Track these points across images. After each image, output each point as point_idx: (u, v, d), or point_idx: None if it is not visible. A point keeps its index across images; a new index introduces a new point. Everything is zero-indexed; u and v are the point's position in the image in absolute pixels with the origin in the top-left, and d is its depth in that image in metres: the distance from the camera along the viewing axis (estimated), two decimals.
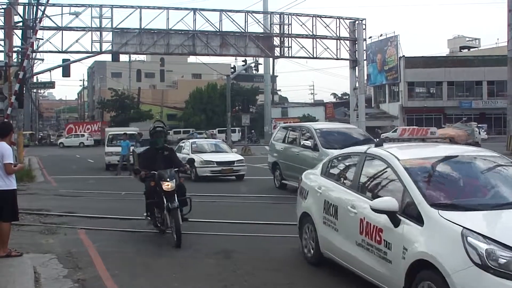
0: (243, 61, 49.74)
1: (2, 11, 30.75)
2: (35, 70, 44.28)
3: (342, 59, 40.84)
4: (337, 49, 39.80)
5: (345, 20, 40.20)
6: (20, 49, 31.52)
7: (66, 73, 38.16)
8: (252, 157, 31.79)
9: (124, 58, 61.35)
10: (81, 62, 41.95)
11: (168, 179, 8.62)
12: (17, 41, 31.99)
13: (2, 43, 30.58)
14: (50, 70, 45.59)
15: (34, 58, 39.04)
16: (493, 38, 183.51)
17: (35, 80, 62.48)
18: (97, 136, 59.84)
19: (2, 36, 31.04)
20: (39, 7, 32.07)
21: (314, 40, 39.09)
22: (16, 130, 18.81)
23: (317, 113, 68.58)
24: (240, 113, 53.43)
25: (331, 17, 39.72)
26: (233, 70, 61.97)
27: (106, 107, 74.33)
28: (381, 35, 64.59)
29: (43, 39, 34.39)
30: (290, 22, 38.45)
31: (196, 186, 16.40)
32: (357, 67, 40.43)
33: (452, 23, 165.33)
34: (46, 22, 33.63)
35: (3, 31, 30.69)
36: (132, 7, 36.49)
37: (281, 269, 7.22)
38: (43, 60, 54.14)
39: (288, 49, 39.13)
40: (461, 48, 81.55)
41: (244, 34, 37.98)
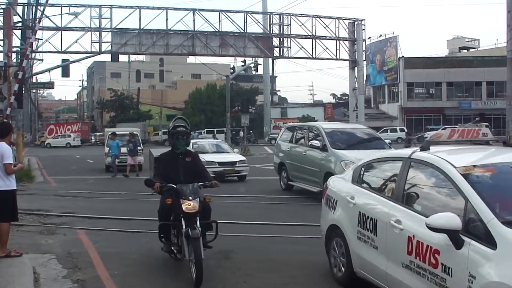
0: (242, 61, 49.83)
1: (2, 11, 30.74)
2: (35, 70, 44.29)
3: (341, 59, 40.94)
4: (336, 50, 39.93)
5: (344, 20, 40.29)
6: (19, 49, 31.55)
7: (66, 73, 38.15)
8: (252, 157, 31.77)
9: (123, 58, 61.46)
10: (81, 62, 42.03)
11: (190, 197, 6.71)
12: (16, 41, 32.07)
13: (1, 43, 30.66)
14: (49, 70, 45.55)
15: (34, 58, 39.01)
16: (492, 38, 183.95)
17: (34, 80, 62.41)
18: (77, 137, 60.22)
19: (1, 36, 31.16)
20: (39, 7, 32.09)
21: (314, 40, 39.18)
22: (16, 131, 18.79)
23: (317, 114, 68.54)
24: (239, 114, 53.42)
25: (330, 17, 39.83)
26: (232, 70, 61.89)
27: (105, 107, 74.40)
28: (380, 35, 64.71)
29: (42, 39, 34.52)
30: (290, 23, 38.58)
31: None
32: (356, 68, 40.52)
33: (452, 23, 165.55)
34: (46, 22, 33.78)
35: (2, 31, 30.70)
36: (132, 7, 36.57)
37: (280, 270, 7.21)
38: (42, 60, 54.24)
39: (288, 50, 39.24)
40: (461, 48, 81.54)
41: (243, 34, 38.04)
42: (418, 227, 4.85)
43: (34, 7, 33.78)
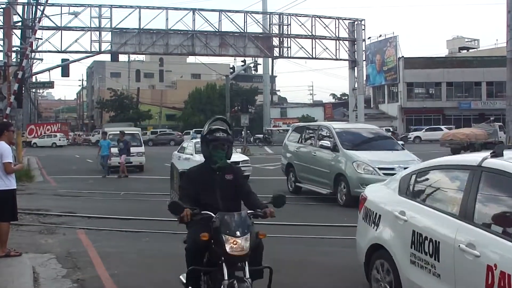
0: (242, 61, 49.92)
1: (1, 10, 30.69)
2: (34, 70, 44.06)
3: (341, 59, 40.84)
4: (336, 50, 39.82)
5: (344, 20, 40.22)
6: (19, 48, 31.45)
7: (65, 73, 38.09)
8: (252, 157, 31.69)
9: (123, 58, 61.32)
10: (80, 62, 41.82)
11: (237, 232, 4.66)
12: (16, 41, 31.95)
13: (1, 42, 30.55)
14: (49, 70, 45.50)
15: (33, 58, 38.90)
16: (492, 39, 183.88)
17: (34, 80, 62.53)
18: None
19: (1, 36, 31.00)
20: (38, 7, 32.02)
21: (313, 40, 39.11)
22: (15, 130, 18.76)
23: (316, 114, 68.57)
24: (239, 113, 53.39)
25: (330, 17, 39.75)
26: (232, 70, 62.06)
27: (105, 107, 74.42)
28: (380, 35, 64.82)
29: (42, 39, 34.40)
30: (289, 23, 38.49)
31: None
32: (356, 68, 40.43)
33: (451, 24, 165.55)
34: (45, 22, 33.67)
35: (2, 30, 30.64)
36: (131, 7, 36.49)
37: (280, 270, 7.19)
38: (42, 60, 54.32)
39: (287, 50, 39.14)
40: (460, 48, 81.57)
41: (243, 34, 37.98)
42: (502, 254, 3.94)
43: (34, 7, 33.72)
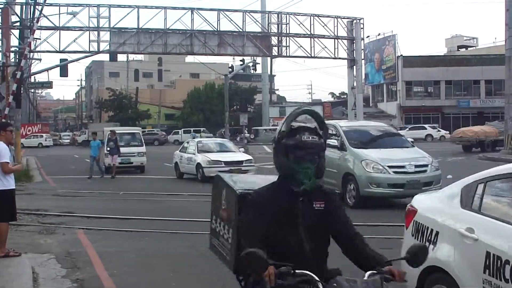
0: (241, 60, 49.69)
1: None
2: (33, 70, 44.10)
3: (340, 58, 40.87)
4: (335, 49, 39.84)
5: (343, 19, 40.23)
6: (17, 49, 31.40)
7: (64, 73, 38.05)
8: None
9: (121, 57, 61.18)
10: (79, 62, 41.75)
11: None
12: (14, 41, 31.93)
13: None
14: (47, 70, 45.33)
15: (32, 58, 38.87)
16: (490, 37, 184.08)
17: (32, 80, 62.37)
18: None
19: None
20: (37, 6, 31.96)
21: (312, 39, 39.12)
22: (14, 130, 18.74)
23: None
24: (238, 113, 53.37)
25: (328, 16, 39.76)
26: (231, 69, 61.81)
27: (104, 107, 74.37)
28: (379, 34, 64.71)
29: (40, 39, 34.42)
30: (288, 22, 38.51)
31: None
32: (355, 67, 40.46)
33: (450, 22, 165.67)
34: (44, 22, 33.67)
35: (0, 31, 30.61)
36: (130, 6, 36.46)
37: None
38: (40, 60, 53.94)
39: (286, 49, 39.17)
40: (459, 47, 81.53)
41: (242, 33, 37.99)
42: None
43: (32, 7, 33.68)
